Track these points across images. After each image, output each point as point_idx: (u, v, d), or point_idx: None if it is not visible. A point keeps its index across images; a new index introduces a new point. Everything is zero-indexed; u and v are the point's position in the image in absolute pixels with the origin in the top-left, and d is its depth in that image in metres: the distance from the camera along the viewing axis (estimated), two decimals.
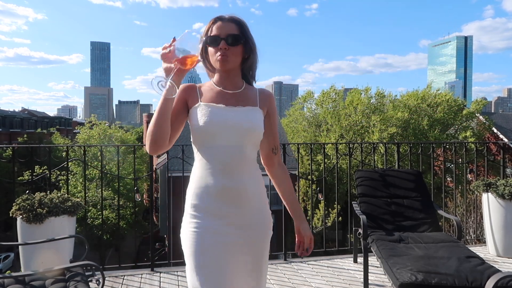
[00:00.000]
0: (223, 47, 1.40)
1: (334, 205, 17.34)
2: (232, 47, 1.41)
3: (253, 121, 1.44)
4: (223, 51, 1.40)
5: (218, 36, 1.41)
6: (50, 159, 3.79)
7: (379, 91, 23.11)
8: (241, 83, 1.52)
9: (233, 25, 1.43)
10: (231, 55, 1.42)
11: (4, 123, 40.92)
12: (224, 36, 1.41)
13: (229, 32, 1.41)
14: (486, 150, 4.83)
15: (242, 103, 1.47)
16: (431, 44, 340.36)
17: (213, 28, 1.43)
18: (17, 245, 2.87)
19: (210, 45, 1.43)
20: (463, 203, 8.96)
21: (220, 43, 1.40)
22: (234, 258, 1.40)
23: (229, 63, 1.42)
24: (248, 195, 1.43)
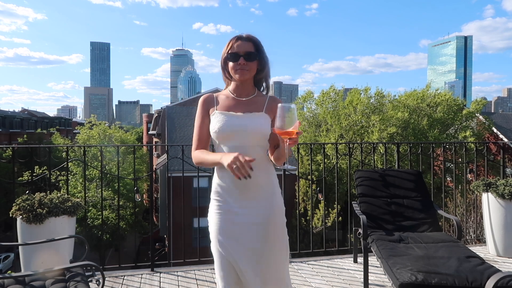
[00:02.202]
0: (242, 62, 1.72)
1: (334, 205, 17.34)
2: (249, 63, 1.73)
3: (257, 125, 1.72)
4: (242, 66, 1.72)
5: (238, 53, 1.72)
6: (50, 159, 3.79)
7: (379, 91, 23.11)
8: (253, 91, 1.82)
9: (250, 44, 1.75)
10: (248, 69, 1.74)
11: (4, 124, 40.90)
12: (243, 53, 1.72)
13: (247, 50, 1.73)
14: (486, 150, 4.83)
15: (250, 110, 1.76)
16: (431, 44, 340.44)
17: (234, 46, 1.74)
18: (17, 246, 2.87)
19: (230, 60, 1.75)
20: (463, 203, 8.97)
21: (239, 59, 1.72)
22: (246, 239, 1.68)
23: (246, 75, 1.74)
24: (257, 186, 1.71)
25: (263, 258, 1.68)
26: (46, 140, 35.64)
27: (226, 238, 1.68)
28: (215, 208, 1.74)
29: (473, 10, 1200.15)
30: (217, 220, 1.72)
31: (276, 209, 1.75)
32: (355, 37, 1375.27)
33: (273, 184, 1.79)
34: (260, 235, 1.69)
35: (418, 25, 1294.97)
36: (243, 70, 1.73)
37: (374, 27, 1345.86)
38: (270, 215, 1.72)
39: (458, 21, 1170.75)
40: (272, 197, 1.76)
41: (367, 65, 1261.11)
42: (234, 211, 1.70)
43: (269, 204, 1.73)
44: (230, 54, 1.73)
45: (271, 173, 1.80)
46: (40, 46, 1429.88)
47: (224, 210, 1.71)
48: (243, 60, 1.71)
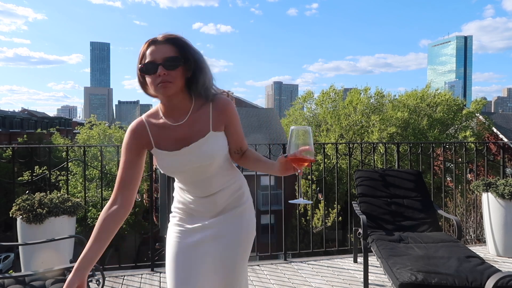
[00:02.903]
0: (161, 73, 1.29)
1: (334, 205, 17.34)
2: (172, 71, 1.30)
3: (210, 153, 1.40)
4: (163, 77, 1.30)
5: (154, 62, 1.30)
6: (50, 159, 3.79)
7: (379, 91, 23.12)
8: (189, 104, 1.40)
9: (169, 46, 1.32)
10: (172, 80, 1.31)
11: (4, 124, 40.90)
12: (161, 61, 1.30)
13: (166, 55, 1.31)
14: (486, 150, 4.83)
15: (195, 136, 1.39)
16: (431, 44, 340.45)
17: (147, 54, 1.32)
18: (17, 246, 2.87)
19: (147, 73, 1.32)
20: (463, 203, 8.98)
21: (157, 70, 1.29)
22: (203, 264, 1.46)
23: (171, 89, 1.32)
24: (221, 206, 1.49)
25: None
26: (46, 140, 35.63)
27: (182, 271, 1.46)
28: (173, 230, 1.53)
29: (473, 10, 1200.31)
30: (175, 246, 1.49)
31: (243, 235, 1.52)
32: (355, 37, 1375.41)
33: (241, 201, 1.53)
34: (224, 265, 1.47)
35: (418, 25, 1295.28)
36: (165, 83, 1.30)
37: (374, 27, 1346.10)
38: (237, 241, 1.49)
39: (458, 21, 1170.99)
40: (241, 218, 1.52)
41: (367, 65, 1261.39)
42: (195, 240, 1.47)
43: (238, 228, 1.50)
44: (145, 65, 1.31)
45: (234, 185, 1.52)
46: (40, 46, 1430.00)
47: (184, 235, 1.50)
48: (162, 70, 1.29)
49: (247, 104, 29.11)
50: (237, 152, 1.53)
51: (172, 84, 1.31)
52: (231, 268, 1.47)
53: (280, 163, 1.38)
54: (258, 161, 1.54)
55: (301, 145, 1.31)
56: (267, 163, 1.51)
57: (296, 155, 1.30)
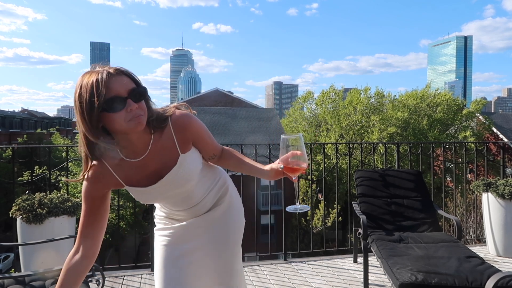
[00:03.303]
0: (134, 107, 1.16)
1: (334, 205, 17.34)
2: (140, 103, 1.19)
3: (186, 177, 1.34)
4: (134, 112, 1.16)
5: (120, 96, 1.14)
6: (50, 159, 3.79)
7: (379, 91, 23.13)
8: (147, 136, 1.28)
9: (125, 78, 1.19)
10: (143, 112, 1.20)
11: (3, 124, 40.90)
12: (127, 94, 1.16)
13: (129, 87, 1.17)
14: (486, 150, 4.83)
15: (166, 166, 1.31)
16: (431, 44, 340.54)
17: (109, 87, 1.13)
18: (17, 246, 2.87)
19: (113, 109, 1.14)
20: (463, 203, 8.97)
21: (126, 104, 1.15)
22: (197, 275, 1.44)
23: (144, 121, 1.20)
24: (208, 207, 1.49)
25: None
26: (46, 140, 35.62)
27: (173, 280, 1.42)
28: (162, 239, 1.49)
29: (473, 10, 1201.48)
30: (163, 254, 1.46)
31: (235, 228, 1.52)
32: (355, 37, 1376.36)
33: (227, 194, 1.53)
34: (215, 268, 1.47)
35: (418, 25, 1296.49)
36: (139, 117, 1.17)
37: (374, 27, 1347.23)
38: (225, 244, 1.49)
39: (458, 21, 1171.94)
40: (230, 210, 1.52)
41: (367, 65, 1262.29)
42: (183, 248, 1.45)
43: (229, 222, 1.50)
44: (109, 101, 1.12)
45: (217, 188, 1.51)
46: (40, 46, 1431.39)
47: (172, 240, 1.47)
48: (133, 104, 1.16)
49: (247, 104, 29.11)
50: (212, 157, 1.49)
51: (144, 117, 1.19)
52: (228, 266, 1.49)
53: (272, 171, 1.41)
54: (241, 164, 1.51)
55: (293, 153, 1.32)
56: (254, 168, 1.48)
57: (289, 163, 1.31)
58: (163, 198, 1.40)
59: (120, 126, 1.17)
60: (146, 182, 1.31)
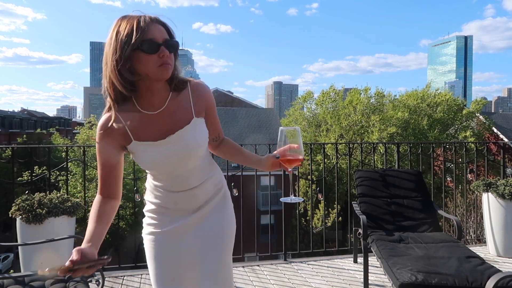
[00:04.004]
0: (166, 54, 1.19)
1: (334, 205, 17.34)
2: (171, 54, 1.22)
3: (194, 142, 1.32)
4: (165, 59, 1.19)
5: (155, 41, 1.18)
6: (49, 159, 3.78)
7: (379, 91, 23.13)
8: (167, 92, 1.31)
9: (162, 29, 1.23)
10: (171, 63, 1.23)
11: (3, 124, 40.91)
12: (162, 41, 1.20)
13: (164, 36, 1.21)
14: (486, 150, 4.82)
15: (178, 124, 1.30)
16: (431, 44, 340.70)
17: (146, 30, 1.17)
18: (16, 246, 2.87)
19: (147, 51, 1.17)
20: (463, 203, 8.97)
21: (159, 50, 1.18)
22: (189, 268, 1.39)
23: (170, 72, 1.23)
24: (205, 199, 1.41)
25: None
26: (46, 140, 35.61)
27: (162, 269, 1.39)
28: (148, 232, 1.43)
29: (473, 9, 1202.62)
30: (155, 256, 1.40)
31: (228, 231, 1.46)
32: (355, 37, 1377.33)
33: (222, 195, 1.47)
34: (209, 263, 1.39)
35: (418, 25, 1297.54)
36: (167, 65, 1.20)
37: (374, 27, 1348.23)
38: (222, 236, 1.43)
39: (458, 20, 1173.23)
40: (223, 213, 1.46)
41: (367, 65, 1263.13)
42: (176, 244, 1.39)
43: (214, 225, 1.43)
44: (145, 42, 1.16)
45: (213, 181, 1.44)
46: (40, 46, 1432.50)
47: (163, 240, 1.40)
48: (165, 51, 1.19)
49: (247, 104, 29.11)
50: (216, 139, 1.50)
51: (171, 68, 1.23)
52: (219, 269, 1.41)
53: (269, 161, 1.42)
54: (239, 153, 1.52)
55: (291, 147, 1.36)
56: (251, 158, 1.50)
57: (286, 155, 1.35)
58: (167, 163, 1.30)
59: (149, 69, 1.19)
60: (157, 136, 1.28)
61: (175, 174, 1.34)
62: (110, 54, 1.18)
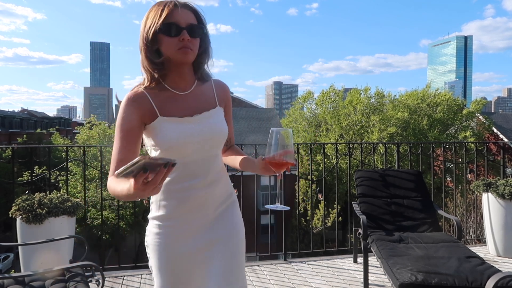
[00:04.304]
0: (186, 38, 1.22)
1: (334, 205, 17.33)
2: (193, 39, 1.24)
3: (220, 126, 1.33)
4: (186, 43, 1.22)
5: (177, 25, 1.22)
6: (49, 159, 3.79)
7: (379, 91, 23.14)
8: (193, 79, 1.35)
9: (190, 14, 1.26)
10: (193, 48, 1.25)
11: (3, 124, 40.91)
12: (185, 25, 1.23)
13: (189, 21, 1.24)
14: (486, 150, 4.82)
15: (203, 107, 1.32)
16: (431, 44, 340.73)
17: (169, 14, 1.22)
18: (16, 246, 2.87)
19: (168, 34, 1.22)
20: (463, 203, 8.97)
21: (181, 33, 1.22)
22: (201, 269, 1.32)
23: (191, 57, 1.26)
24: (218, 201, 1.36)
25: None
26: (46, 140, 35.62)
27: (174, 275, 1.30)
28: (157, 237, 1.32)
29: (473, 9, 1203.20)
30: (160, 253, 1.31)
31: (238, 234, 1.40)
32: (355, 37, 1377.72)
33: (233, 199, 1.44)
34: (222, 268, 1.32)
35: (418, 25, 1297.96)
36: (188, 49, 1.23)
37: (374, 27, 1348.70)
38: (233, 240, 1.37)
39: (458, 21, 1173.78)
40: (233, 214, 1.41)
41: (367, 65, 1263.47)
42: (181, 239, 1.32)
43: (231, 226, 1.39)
44: (167, 25, 1.21)
45: (227, 182, 1.42)
46: (40, 46, 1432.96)
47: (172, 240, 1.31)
48: (186, 35, 1.22)
49: (247, 104, 29.11)
50: (227, 143, 1.47)
51: (192, 52, 1.25)
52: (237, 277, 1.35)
53: (260, 164, 1.32)
54: (238, 157, 1.47)
55: (281, 147, 1.25)
56: (248, 160, 1.44)
57: (275, 158, 1.25)
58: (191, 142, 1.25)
59: (170, 51, 1.24)
60: (183, 113, 1.28)
61: (195, 158, 1.28)
62: (141, 37, 1.27)
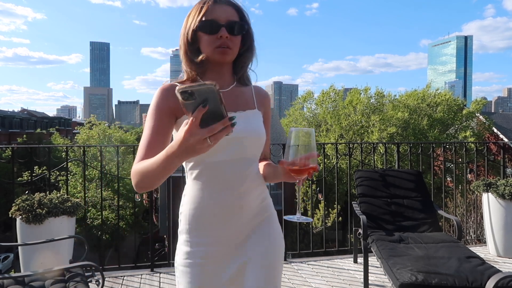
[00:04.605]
0: (224, 35, 1.14)
1: (334, 205, 17.34)
2: (233, 37, 1.17)
3: (257, 128, 1.22)
4: (224, 41, 1.15)
5: (217, 22, 1.15)
6: (49, 159, 3.78)
7: (379, 91, 23.14)
8: (232, 79, 1.27)
9: (231, 10, 1.19)
10: (233, 47, 1.18)
11: (3, 124, 40.91)
12: (224, 22, 1.15)
13: (230, 18, 1.17)
14: (486, 150, 4.82)
15: (241, 106, 1.23)
16: (431, 44, 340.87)
17: (209, 11, 1.16)
18: (16, 246, 2.87)
19: (205, 31, 1.16)
20: (463, 203, 8.97)
21: (219, 31, 1.15)
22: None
23: (230, 56, 1.19)
24: (253, 213, 1.23)
25: None
26: (46, 140, 35.63)
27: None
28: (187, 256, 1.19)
29: (473, 9, 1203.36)
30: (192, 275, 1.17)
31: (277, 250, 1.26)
32: (355, 37, 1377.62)
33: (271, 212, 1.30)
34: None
35: (418, 25, 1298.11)
36: (226, 49, 1.16)
37: (374, 27, 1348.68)
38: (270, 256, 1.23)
39: (459, 20, 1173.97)
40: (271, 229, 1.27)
41: (367, 65, 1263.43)
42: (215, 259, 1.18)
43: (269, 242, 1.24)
44: (206, 22, 1.15)
45: (266, 193, 1.29)
46: (40, 46, 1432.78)
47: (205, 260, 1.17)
48: (225, 32, 1.14)
49: None
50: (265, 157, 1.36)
51: (231, 51, 1.18)
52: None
53: (282, 170, 1.15)
54: (261, 164, 1.31)
55: (302, 150, 1.08)
56: (270, 167, 1.28)
57: (296, 163, 1.08)
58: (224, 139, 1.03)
59: (207, 50, 1.17)
60: None
61: (227, 158, 1.16)
62: (181, 35, 1.21)
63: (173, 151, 0.92)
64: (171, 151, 0.92)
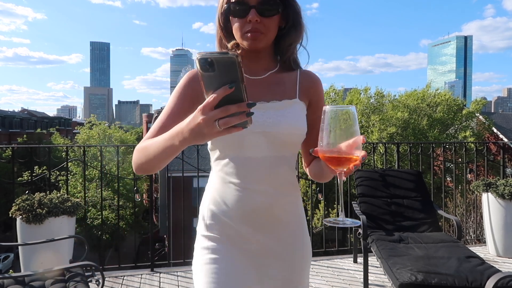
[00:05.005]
0: (253, 19, 1.00)
1: (334, 205, 17.34)
2: (266, 19, 1.01)
3: (293, 122, 1.05)
4: (254, 25, 1.01)
5: (245, 3, 1.01)
6: (49, 159, 3.79)
7: (379, 91, 23.16)
8: (273, 64, 1.12)
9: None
10: (265, 31, 1.02)
11: (3, 124, 40.92)
12: (255, 3, 1.00)
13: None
14: (486, 150, 4.83)
15: (277, 95, 1.07)
16: (431, 44, 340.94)
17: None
18: (16, 246, 2.87)
19: (234, 15, 1.03)
20: (463, 203, 8.97)
21: (249, 13, 1.00)
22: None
23: (261, 42, 1.03)
24: (282, 220, 1.10)
25: None
26: (46, 140, 35.65)
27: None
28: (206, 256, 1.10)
29: (473, 9, 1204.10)
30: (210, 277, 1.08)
31: (304, 257, 1.15)
32: (355, 37, 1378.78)
33: (300, 216, 1.16)
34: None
35: (418, 25, 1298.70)
36: (256, 34, 1.01)
37: (374, 27, 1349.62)
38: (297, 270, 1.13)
39: (458, 20, 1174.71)
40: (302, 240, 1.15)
41: (367, 65, 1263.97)
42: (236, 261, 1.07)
43: (295, 249, 1.13)
44: (233, 5, 1.02)
45: (299, 198, 1.16)
46: (40, 45, 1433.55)
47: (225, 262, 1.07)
48: (255, 15, 1.00)
49: None
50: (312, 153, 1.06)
51: (263, 36, 1.02)
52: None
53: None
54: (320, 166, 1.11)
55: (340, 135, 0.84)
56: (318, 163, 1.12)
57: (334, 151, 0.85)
58: (252, 133, 1.00)
59: (237, 35, 1.05)
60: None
61: (255, 155, 1.04)
62: (216, 18, 1.10)
63: (179, 129, 0.82)
64: (178, 128, 0.83)
